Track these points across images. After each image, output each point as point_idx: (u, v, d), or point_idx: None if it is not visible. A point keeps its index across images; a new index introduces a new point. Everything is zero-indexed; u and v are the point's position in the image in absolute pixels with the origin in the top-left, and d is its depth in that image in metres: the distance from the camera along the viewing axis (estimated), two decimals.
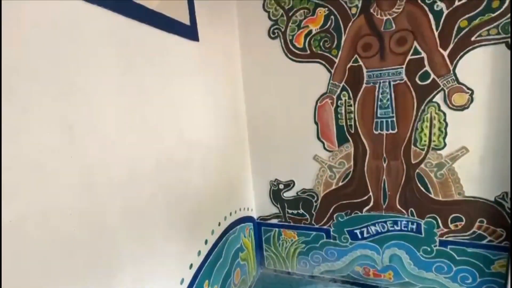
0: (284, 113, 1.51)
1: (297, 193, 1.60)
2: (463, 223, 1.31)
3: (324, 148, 1.48)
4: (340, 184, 1.50)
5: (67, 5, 0.60)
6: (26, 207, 0.53)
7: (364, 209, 1.47)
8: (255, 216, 1.72)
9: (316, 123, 1.46)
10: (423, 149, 1.30)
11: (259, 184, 1.68)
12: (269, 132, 1.57)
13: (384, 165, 1.39)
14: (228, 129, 1.38)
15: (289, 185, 1.61)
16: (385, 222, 1.45)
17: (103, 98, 0.69)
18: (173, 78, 0.95)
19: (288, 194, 1.62)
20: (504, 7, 1.08)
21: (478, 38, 1.13)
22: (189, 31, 1.03)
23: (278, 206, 1.67)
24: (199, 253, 1.12)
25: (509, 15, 1.08)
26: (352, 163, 1.45)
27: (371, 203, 1.45)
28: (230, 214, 1.42)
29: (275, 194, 1.66)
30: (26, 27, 0.53)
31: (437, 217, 1.34)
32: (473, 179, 1.25)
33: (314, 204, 1.58)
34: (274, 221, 1.70)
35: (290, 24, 1.40)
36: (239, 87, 1.52)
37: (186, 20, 1.02)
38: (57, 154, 0.58)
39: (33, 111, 0.54)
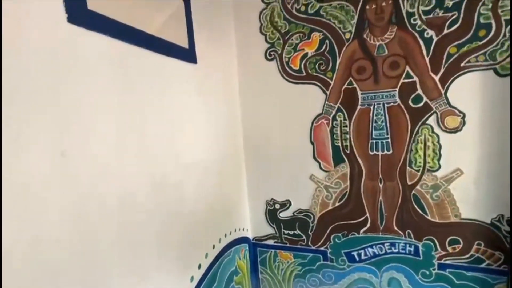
0: (280, 133, 1.52)
1: (293, 213, 1.58)
2: (460, 245, 1.29)
3: (320, 168, 1.48)
4: (337, 204, 1.48)
5: (67, 32, 0.61)
6: (15, 236, 0.51)
7: (361, 230, 1.46)
8: (250, 236, 1.69)
9: (312, 143, 1.47)
10: (418, 170, 1.31)
11: (255, 203, 1.65)
12: (265, 152, 1.57)
13: (380, 186, 1.38)
14: (225, 149, 1.38)
15: (285, 205, 1.59)
16: (383, 244, 1.43)
17: (99, 123, 0.68)
18: (171, 100, 0.96)
19: (284, 214, 1.60)
20: (490, 35, 1.13)
21: (467, 64, 1.17)
22: (188, 54, 1.05)
23: (274, 226, 1.64)
24: (192, 278, 1.08)
25: (495, 43, 1.13)
26: (348, 183, 1.44)
27: (368, 224, 1.44)
28: (225, 235, 1.39)
29: (271, 214, 1.63)
30: (24, 53, 0.54)
31: (435, 239, 1.33)
32: (468, 201, 1.25)
33: (311, 224, 1.55)
34: (270, 242, 1.66)
35: (286, 47, 1.44)
36: (236, 107, 1.54)
37: (185, 44, 1.04)
38: (48, 181, 0.56)
39: (26, 137, 0.53)
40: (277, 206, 1.61)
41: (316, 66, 1.40)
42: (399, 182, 1.35)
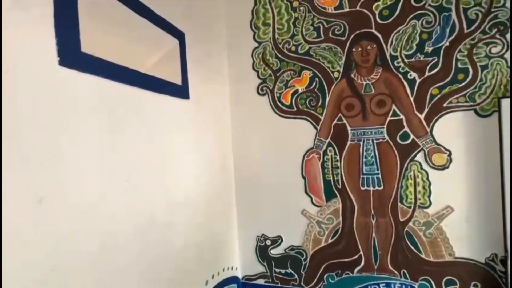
0: (272, 167, 1.51)
1: (285, 250, 1.51)
2: (457, 286, 1.25)
3: (312, 202, 1.45)
4: (330, 241, 1.44)
5: (57, 75, 0.61)
6: None
7: (356, 269, 1.40)
8: (240, 275, 1.59)
9: (303, 177, 1.46)
10: (410, 207, 1.31)
11: (245, 239, 1.58)
12: (256, 186, 1.54)
13: (373, 222, 1.36)
14: (215, 184, 1.35)
15: (276, 241, 1.53)
16: (378, 284, 1.36)
17: (82, 166, 0.65)
18: (162, 137, 0.95)
19: (276, 251, 1.53)
20: (468, 79, 1.20)
21: (449, 105, 1.23)
22: (181, 91, 1.07)
23: (265, 264, 1.55)
24: None
25: (473, 86, 1.20)
26: (340, 219, 1.41)
27: (362, 263, 1.39)
28: (213, 277, 1.30)
29: (262, 251, 1.56)
30: (18, 99, 0.52)
31: (431, 279, 1.29)
32: (461, 239, 1.24)
33: (303, 262, 1.48)
34: (261, 281, 1.56)
35: (277, 83, 1.49)
36: (228, 141, 1.54)
37: (178, 80, 1.06)
38: (20, 232, 0.52)
39: (4, 183, 0.50)
40: (268, 242, 1.54)
41: (307, 102, 1.44)
42: (392, 219, 1.33)
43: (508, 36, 1.15)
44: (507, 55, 1.15)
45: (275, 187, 1.51)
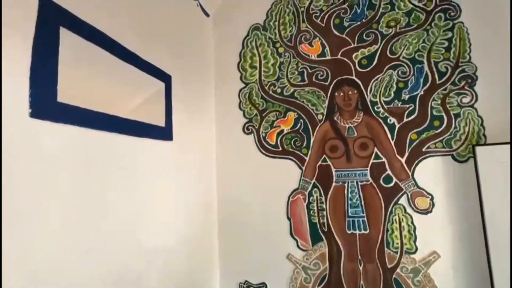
0: (257, 208, 1.46)
1: None
2: None
3: (298, 246, 1.39)
4: None
5: (29, 127, 0.58)
6: None
7: None
8: None
9: (289, 218, 1.42)
10: (396, 252, 1.27)
11: (227, 287, 1.47)
12: (240, 228, 1.47)
13: (360, 268, 1.31)
14: (196, 227, 1.28)
15: None
16: None
17: (47, 223, 0.60)
18: (139, 182, 0.90)
19: None
20: (443, 126, 1.26)
21: (428, 149, 1.27)
22: (163, 132, 1.05)
23: None
24: None
25: (449, 133, 1.25)
26: (327, 264, 1.35)
27: None
28: None
29: None
30: None
31: None
32: (450, 287, 1.20)
33: None
34: None
35: (263, 123, 1.51)
36: (213, 181, 1.50)
37: (161, 122, 1.05)
38: None
39: None
40: None
41: (292, 142, 1.46)
42: (379, 265, 1.29)
43: (476, 88, 1.24)
44: (477, 105, 1.23)
45: (260, 229, 1.45)
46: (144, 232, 0.90)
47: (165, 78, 1.09)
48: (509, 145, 1.11)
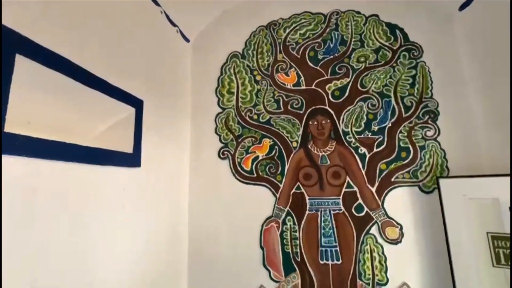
0: (229, 237, 1.42)
1: None
2: None
3: (270, 277, 1.35)
4: None
5: None
6: None
7: None
8: None
9: (262, 248, 1.38)
10: (368, 284, 1.26)
11: None
12: (212, 258, 1.41)
13: None
14: (161, 262, 1.20)
15: None
16: None
17: None
18: (94, 213, 0.84)
19: None
20: (410, 157, 1.32)
21: (396, 179, 1.31)
22: (130, 159, 1.01)
23: None
24: None
25: (414, 164, 1.31)
26: None
27: None
28: None
29: None
30: None
31: None
32: None
33: None
34: None
35: (239, 148, 1.51)
36: (184, 209, 1.45)
37: (129, 149, 1.01)
38: None
39: None
40: None
41: (267, 169, 1.45)
42: None
43: (438, 122, 1.32)
44: (439, 139, 1.30)
45: (232, 259, 1.39)
46: (95, 271, 0.83)
47: (136, 103, 1.07)
48: (469, 178, 1.16)
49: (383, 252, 1.27)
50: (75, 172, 0.77)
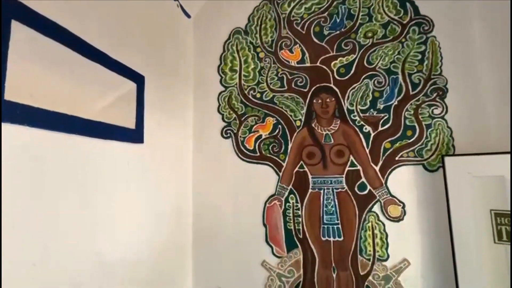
0: (232, 214, 1.44)
1: None
2: None
3: (273, 253, 1.38)
4: None
5: None
6: None
7: None
8: None
9: (264, 225, 1.40)
10: (369, 259, 1.28)
11: None
12: (216, 235, 1.44)
13: (334, 275, 1.31)
14: (166, 236, 1.23)
15: None
16: None
17: None
18: (101, 188, 0.85)
19: None
20: (415, 136, 1.29)
21: (400, 158, 1.30)
22: (133, 135, 1.01)
23: None
24: None
25: (420, 143, 1.29)
26: (301, 271, 1.34)
27: None
28: None
29: None
30: None
31: None
32: None
33: None
34: None
35: (242, 127, 1.50)
36: (188, 185, 1.46)
37: (131, 124, 1.01)
38: None
39: None
40: None
41: (270, 148, 1.45)
42: (352, 272, 1.29)
43: (446, 100, 1.28)
44: (447, 117, 1.27)
45: (235, 236, 1.42)
46: (104, 243, 0.85)
47: (137, 78, 1.05)
48: (475, 156, 1.15)
49: (384, 230, 1.28)
50: (78, 144, 0.77)
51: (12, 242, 0.59)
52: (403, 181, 1.29)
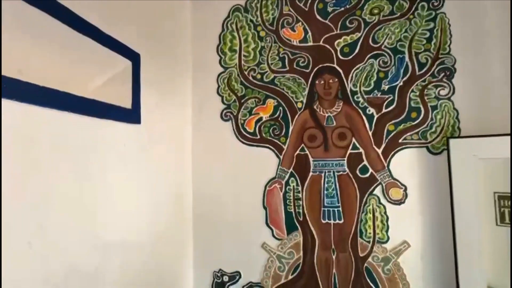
0: (232, 197, 1.43)
1: (243, 287, 1.41)
2: None
3: (273, 235, 1.38)
4: (290, 277, 1.36)
5: None
6: None
7: None
8: None
9: (265, 207, 1.40)
10: (369, 242, 1.29)
11: (200, 276, 1.45)
12: (216, 217, 1.44)
13: (333, 257, 1.32)
14: (166, 218, 1.23)
15: (234, 277, 1.42)
16: None
17: None
18: (97, 166, 0.83)
19: None
20: (420, 118, 1.26)
21: (404, 141, 1.27)
22: (130, 115, 0.98)
23: None
24: None
25: (425, 125, 1.25)
26: (301, 253, 1.35)
27: None
28: None
29: None
30: None
31: None
32: (418, 276, 1.23)
33: None
34: None
35: (242, 109, 1.46)
36: (187, 168, 1.44)
37: (127, 104, 0.97)
38: None
39: None
40: (226, 278, 1.43)
41: (270, 131, 1.42)
42: (351, 254, 1.30)
43: (453, 80, 1.24)
44: (453, 98, 1.23)
45: (235, 218, 1.43)
46: (101, 224, 0.84)
47: (132, 56, 1.01)
48: (481, 138, 1.12)
49: (385, 212, 1.28)
50: (72, 122, 0.74)
51: (6, 222, 0.58)
52: (406, 164, 1.27)
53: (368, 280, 1.28)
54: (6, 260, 0.56)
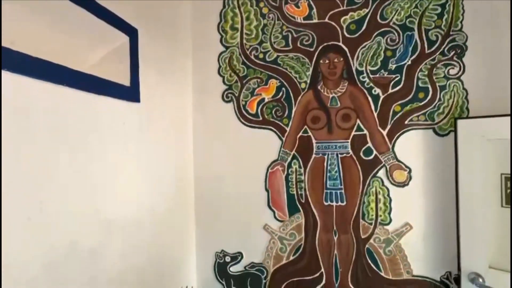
0: (234, 179, 1.42)
1: (245, 267, 1.42)
2: None
3: (275, 217, 1.39)
4: (291, 258, 1.37)
5: None
6: None
7: None
8: None
9: (267, 190, 1.39)
10: (371, 224, 1.29)
11: (203, 256, 1.47)
12: (218, 199, 1.44)
13: (335, 238, 1.32)
14: (169, 198, 1.23)
15: (236, 257, 1.44)
16: None
17: None
18: (98, 146, 0.82)
19: (235, 269, 1.44)
20: (428, 98, 1.22)
21: (410, 122, 1.24)
22: (129, 93, 0.95)
23: (224, 283, 1.45)
24: None
25: (432, 105, 1.22)
26: (303, 235, 1.36)
27: (323, 281, 1.34)
28: None
29: (221, 268, 1.45)
30: None
31: None
32: (419, 257, 1.24)
33: (263, 281, 1.40)
34: None
35: (243, 90, 1.42)
36: (188, 150, 1.43)
37: (126, 81, 0.94)
38: None
39: None
40: (228, 259, 1.44)
41: (273, 112, 1.39)
42: (353, 235, 1.30)
43: (464, 59, 1.19)
44: (463, 77, 1.19)
45: (238, 200, 1.42)
46: (103, 201, 0.83)
47: (130, 31, 0.97)
48: (489, 118, 1.08)
49: (388, 195, 1.26)
50: (68, 97, 0.72)
51: (5, 197, 0.57)
52: (411, 146, 1.24)
53: (369, 261, 1.28)
54: (5, 234, 0.55)
